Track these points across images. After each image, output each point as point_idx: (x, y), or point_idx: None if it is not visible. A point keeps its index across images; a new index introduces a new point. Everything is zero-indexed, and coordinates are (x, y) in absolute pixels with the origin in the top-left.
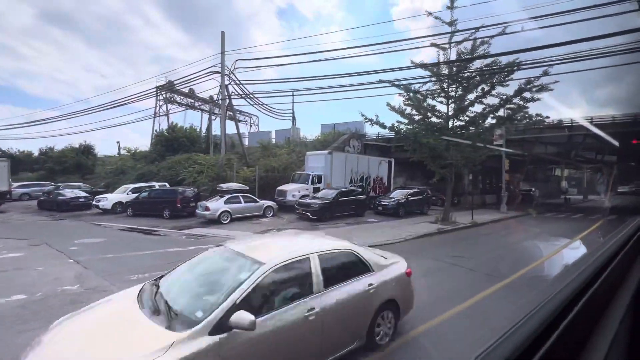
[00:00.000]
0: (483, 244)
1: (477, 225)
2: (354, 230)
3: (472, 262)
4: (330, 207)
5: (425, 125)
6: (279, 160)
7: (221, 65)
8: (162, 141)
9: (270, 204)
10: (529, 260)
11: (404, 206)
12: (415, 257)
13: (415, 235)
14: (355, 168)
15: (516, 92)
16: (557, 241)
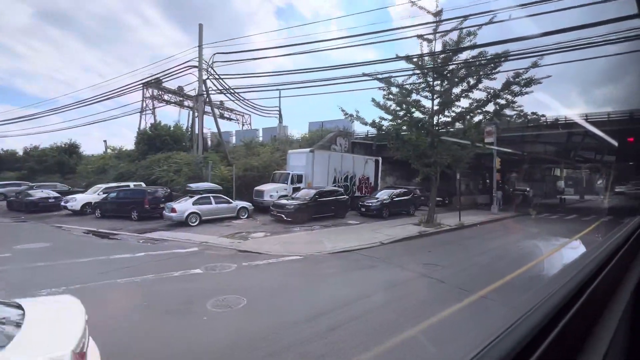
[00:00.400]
0: (463, 250)
1: (463, 228)
2: (328, 234)
3: (445, 271)
4: (307, 208)
5: (408, 120)
6: (259, 159)
7: (199, 59)
8: (144, 140)
9: (245, 205)
10: (508, 269)
11: (388, 207)
12: (385, 265)
13: (393, 239)
14: (339, 167)
15: (504, 86)
16: (543, 247)
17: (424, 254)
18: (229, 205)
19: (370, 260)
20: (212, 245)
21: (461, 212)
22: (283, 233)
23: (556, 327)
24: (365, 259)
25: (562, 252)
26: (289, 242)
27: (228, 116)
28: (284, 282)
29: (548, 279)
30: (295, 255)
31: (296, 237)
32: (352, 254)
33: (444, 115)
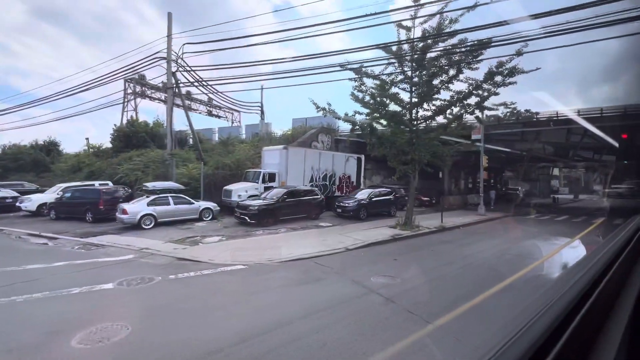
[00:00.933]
0: (434, 257)
1: (444, 231)
2: (291, 238)
3: (401, 286)
4: (274, 209)
5: (383, 114)
6: (232, 157)
7: (167, 50)
8: (120, 137)
9: (210, 205)
10: (477, 286)
11: (366, 208)
12: (335, 277)
13: (361, 244)
14: (316, 165)
15: (486, 76)
16: (525, 257)
17: (388, 262)
18: (190, 206)
19: (322, 271)
20: (151, 253)
21: (448, 212)
22: (242, 237)
23: (567, 329)
24: (317, 269)
25: (550, 264)
26: (241, 248)
27: (216, 113)
28: (204, 300)
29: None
30: (239, 265)
31: (253, 242)
32: (307, 262)
33: (423, 108)
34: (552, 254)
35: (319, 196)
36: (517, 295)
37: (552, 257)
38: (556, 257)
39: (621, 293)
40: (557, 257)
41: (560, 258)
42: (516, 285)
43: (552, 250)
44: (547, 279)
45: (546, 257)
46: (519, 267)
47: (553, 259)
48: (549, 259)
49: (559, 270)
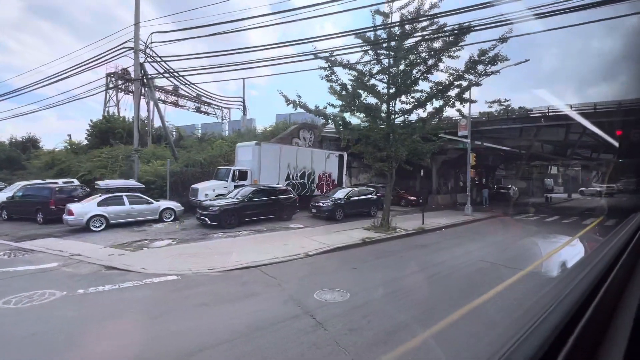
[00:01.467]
0: (399, 265)
1: (422, 233)
2: (250, 242)
3: (344, 305)
4: (238, 209)
5: (358, 106)
6: (205, 153)
7: (135, 40)
8: (95, 133)
9: (172, 205)
10: (436, 307)
11: (342, 208)
12: (273, 292)
13: (326, 249)
14: (293, 162)
15: (468, 65)
16: (506, 264)
17: (345, 271)
18: (148, 207)
19: (263, 283)
20: (80, 260)
21: (434, 212)
22: (195, 241)
23: (575, 329)
24: (259, 281)
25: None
26: (187, 254)
27: (205, 110)
28: (87, 327)
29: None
30: (172, 275)
31: (204, 246)
32: (253, 271)
33: (401, 101)
34: (533, 265)
35: (292, 195)
36: (480, 325)
37: (534, 269)
38: (539, 268)
39: (625, 291)
40: (540, 269)
41: (544, 269)
42: (483, 310)
43: (535, 260)
44: (524, 297)
45: (527, 268)
46: (492, 281)
47: (534, 272)
48: (529, 271)
49: (539, 285)
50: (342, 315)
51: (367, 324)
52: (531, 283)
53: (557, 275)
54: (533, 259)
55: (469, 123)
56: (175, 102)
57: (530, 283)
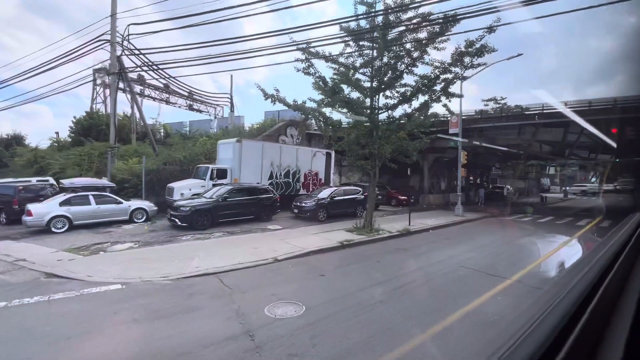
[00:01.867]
0: (371, 272)
1: (407, 235)
2: (218, 245)
3: (293, 323)
4: (212, 210)
5: (338, 99)
6: (185, 151)
7: (111, 32)
8: (78, 130)
9: (143, 205)
10: (400, 327)
11: (326, 208)
12: (219, 305)
13: (298, 253)
14: (277, 161)
15: (454, 56)
16: (489, 269)
17: (311, 279)
18: (117, 207)
19: (213, 294)
20: (23, 266)
21: (424, 212)
22: (161, 243)
23: (574, 329)
24: (209, 291)
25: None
26: (145, 258)
27: (197, 108)
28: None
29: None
30: (117, 284)
31: (168, 250)
32: (209, 279)
33: (386, 96)
34: (520, 274)
35: (272, 195)
36: (448, 349)
37: (520, 278)
38: (526, 277)
39: (623, 292)
40: (528, 277)
41: (532, 278)
42: (454, 331)
43: (523, 266)
44: (505, 313)
45: (513, 277)
46: (470, 293)
47: (520, 281)
48: (515, 280)
49: (525, 296)
50: (287, 335)
51: (312, 348)
52: (515, 295)
53: (555, 276)
54: (521, 265)
55: (460, 120)
56: (167, 100)
57: (514, 295)
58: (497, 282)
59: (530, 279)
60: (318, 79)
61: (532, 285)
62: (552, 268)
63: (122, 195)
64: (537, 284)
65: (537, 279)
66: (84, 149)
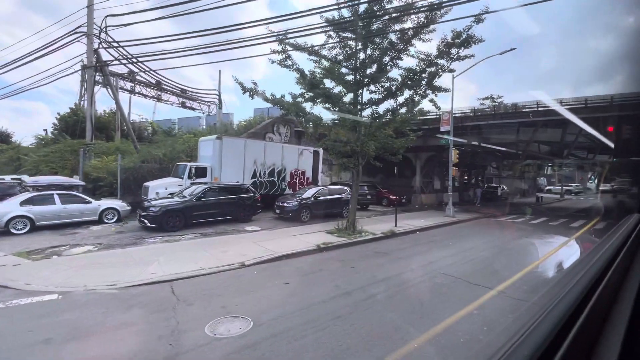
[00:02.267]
0: (339, 280)
1: (391, 237)
2: (184, 248)
3: (234, 343)
4: (184, 210)
5: (318, 93)
6: (164, 148)
7: (88, 23)
8: (62, 126)
9: (115, 205)
10: (359, 345)
11: (309, 208)
12: (153, 320)
13: (269, 257)
14: (261, 159)
15: (440, 48)
16: (469, 277)
17: (273, 287)
18: (85, 206)
19: (155, 307)
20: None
21: (415, 213)
22: (123, 246)
23: (571, 331)
24: (152, 303)
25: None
26: (101, 263)
27: (190, 105)
28: None
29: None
30: (53, 293)
31: (128, 254)
32: (159, 288)
33: (370, 90)
34: (505, 284)
35: (251, 194)
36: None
37: (505, 289)
38: (512, 287)
39: (619, 294)
40: (514, 288)
41: (519, 288)
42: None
43: (511, 274)
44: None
45: (498, 287)
46: (446, 307)
47: (506, 292)
48: (500, 291)
49: (508, 311)
50: None
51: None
52: (496, 309)
53: (552, 279)
54: (507, 273)
55: (451, 118)
56: (159, 97)
57: (495, 309)
58: (478, 292)
59: (515, 289)
60: (296, 71)
61: (517, 297)
62: (541, 277)
63: (97, 195)
64: (523, 295)
65: (523, 290)
66: (57, 146)
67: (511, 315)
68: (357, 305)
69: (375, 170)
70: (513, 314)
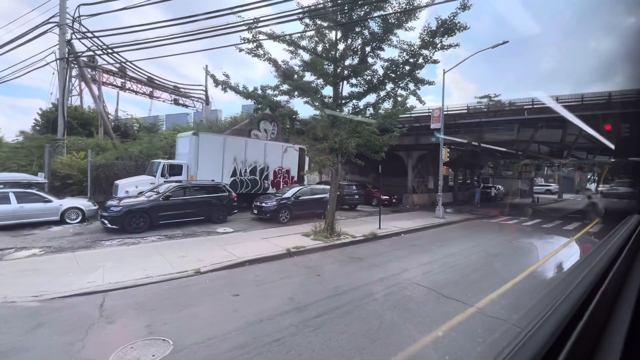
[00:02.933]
0: (299, 291)
1: (372, 240)
2: (139, 252)
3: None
4: (149, 210)
5: (294, 85)
6: (141, 144)
7: (60, 13)
8: (44, 122)
9: (79, 204)
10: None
11: (289, 209)
12: (52, 343)
13: (229, 263)
14: (242, 156)
15: (422, 38)
16: (442, 287)
17: (217, 301)
18: (45, 206)
19: (66, 328)
20: None
21: (404, 213)
22: (75, 250)
23: (574, 332)
24: (64, 323)
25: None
26: (38, 269)
27: (183, 102)
28: None
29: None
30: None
31: (73, 259)
32: (91, 299)
33: (351, 84)
34: (489, 298)
35: (227, 193)
36: None
37: (488, 304)
38: (495, 302)
39: (620, 296)
40: (498, 303)
41: (504, 304)
42: None
43: (496, 286)
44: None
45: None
46: (410, 326)
47: (487, 310)
48: (479, 310)
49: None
50: None
51: None
52: (468, 333)
53: (555, 278)
54: (490, 284)
55: (442, 115)
56: (151, 94)
57: (468, 333)
58: (451, 309)
59: (495, 305)
60: (268, 61)
61: (497, 316)
62: (529, 290)
63: (65, 193)
64: (505, 314)
65: (506, 307)
66: (23, 143)
67: (481, 340)
68: (305, 325)
69: (367, 170)
70: (485, 338)
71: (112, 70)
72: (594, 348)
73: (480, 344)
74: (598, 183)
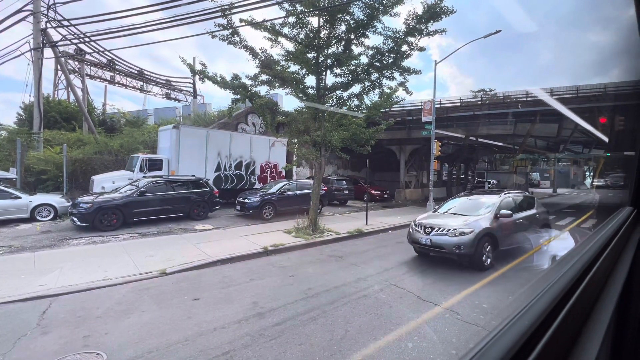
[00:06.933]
0: (263, 296)
1: (358, 236)
2: (105, 251)
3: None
4: (122, 207)
5: (273, 74)
6: (121, 138)
7: (34, 0)
8: (27, 117)
9: (51, 201)
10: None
11: (273, 205)
12: None
13: (199, 263)
14: (226, 150)
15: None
16: (431, 292)
17: (175, 307)
18: (12, 202)
19: (2, 334)
20: None
21: (395, 209)
22: (37, 249)
23: (552, 325)
24: (5, 329)
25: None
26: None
27: (175, 97)
28: None
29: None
30: None
31: (31, 259)
32: (33, 306)
33: (335, 74)
34: (455, 299)
35: (207, 189)
36: None
37: (457, 302)
38: (467, 299)
39: (604, 288)
40: (470, 300)
41: (476, 304)
42: None
43: (469, 282)
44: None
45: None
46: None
47: (454, 309)
48: (447, 308)
49: (446, 341)
50: None
51: None
52: (436, 335)
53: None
54: (465, 283)
55: (433, 108)
56: (141, 88)
57: (435, 335)
58: (422, 310)
59: (467, 306)
60: (244, 48)
61: (467, 319)
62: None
63: (40, 189)
64: (475, 317)
65: (480, 307)
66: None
67: (455, 352)
68: (263, 333)
69: (360, 164)
70: (459, 348)
71: (100, 64)
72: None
73: (442, 355)
74: (593, 177)
